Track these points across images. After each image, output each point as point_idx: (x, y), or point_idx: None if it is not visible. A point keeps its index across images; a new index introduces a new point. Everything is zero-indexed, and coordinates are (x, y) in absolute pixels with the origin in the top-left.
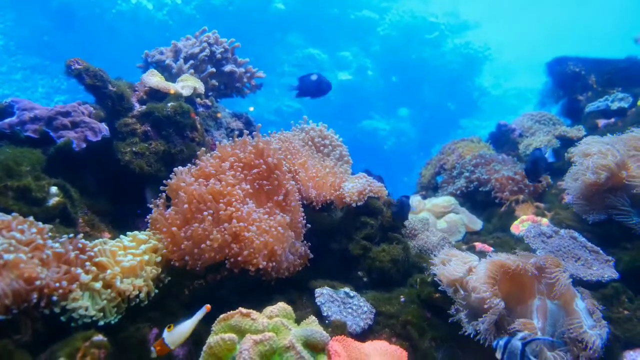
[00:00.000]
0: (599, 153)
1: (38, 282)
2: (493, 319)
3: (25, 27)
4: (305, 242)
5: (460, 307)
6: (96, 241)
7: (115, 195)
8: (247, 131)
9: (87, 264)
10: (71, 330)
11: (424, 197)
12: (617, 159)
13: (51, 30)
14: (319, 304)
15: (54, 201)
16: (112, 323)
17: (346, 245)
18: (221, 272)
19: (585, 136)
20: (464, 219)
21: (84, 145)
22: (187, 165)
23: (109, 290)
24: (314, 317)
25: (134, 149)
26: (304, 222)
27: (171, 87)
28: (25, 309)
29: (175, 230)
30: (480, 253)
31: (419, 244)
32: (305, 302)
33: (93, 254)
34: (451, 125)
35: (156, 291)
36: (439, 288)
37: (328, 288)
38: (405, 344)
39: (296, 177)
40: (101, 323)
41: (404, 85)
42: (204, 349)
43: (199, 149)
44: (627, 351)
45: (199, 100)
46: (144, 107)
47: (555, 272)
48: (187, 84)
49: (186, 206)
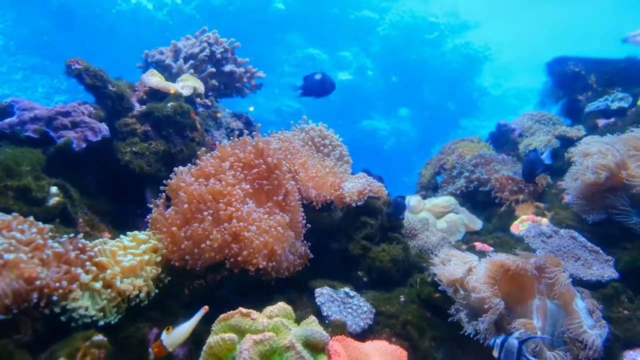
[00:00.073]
0: (598, 153)
1: (38, 282)
2: (493, 318)
3: (25, 27)
4: (305, 242)
5: (460, 307)
6: (96, 241)
7: (115, 195)
8: (247, 131)
9: (87, 263)
10: (71, 330)
11: (424, 197)
12: (617, 158)
13: (51, 30)
14: (319, 303)
15: (54, 201)
16: (112, 323)
17: (346, 245)
18: (221, 272)
19: (585, 136)
20: (463, 218)
21: (84, 145)
22: (187, 165)
23: (109, 290)
24: (314, 317)
25: (134, 149)
26: (304, 222)
27: (171, 87)
28: (25, 309)
29: (175, 230)
30: (480, 253)
31: (419, 243)
32: (305, 302)
33: (93, 254)
34: (451, 125)
35: (156, 291)
36: (439, 288)
37: (328, 288)
38: (405, 343)
39: (296, 177)
40: (101, 323)
41: (404, 85)
42: (204, 348)
43: (199, 149)
44: (627, 351)
45: (199, 100)
46: (144, 107)
47: (555, 271)
48: (187, 84)
49: (186, 206)
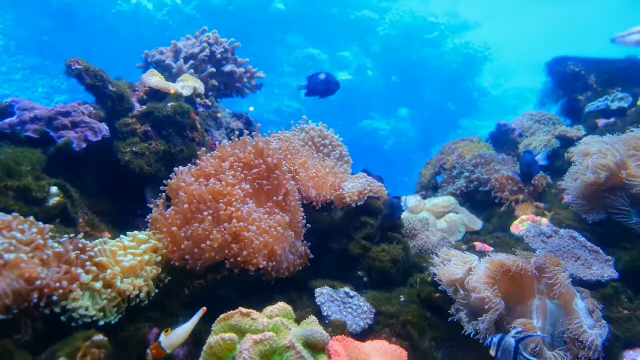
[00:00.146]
0: (598, 152)
1: (38, 282)
2: (493, 318)
3: (25, 27)
4: (306, 242)
5: (460, 307)
6: (96, 241)
7: (115, 195)
8: (247, 131)
9: (88, 263)
10: (71, 329)
11: (424, 197)
12: (617, 158)
13: (51, 30)
14: (318, 303)
15: (54, 201)
16: (112, 323)
17: (346, 245)
18: (221, 272)
19: (585, 136)
20: (463, 218)
21: (84, 145)
22: (187, 165)
23: (109, 290)
24: (314, 317)
25: (134, 148)
26: (304, 221)
27: (171, 87)
28: (25, 309)
29: (175, 230)
30: (480, 253)
31: (418, 243)
32: (305, 302)
33: (93, 253)
34: (451, 125)
35: (156, 291)
36: (439, 288)
37: (328, 288)
38: (405, 343)
39: (296, 177)
40: (101, 323)
41: (404, 85)
42: (204, 348)
43: (199, 149)
44: (627, 351)
45: (199, 100)
46: (144, 107)
47: (555, 271)
48: (187, 84)
49: (186, 206)
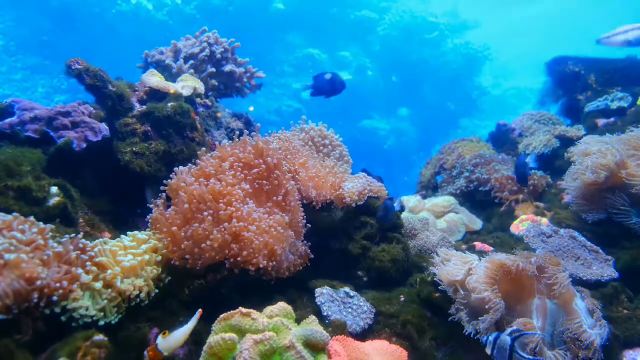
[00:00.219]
0: (598, 152)
1: (39, 282)
2: (494, 319)
3: (25, 27)
4: (306, 242)
5: (460, 307)
6: (96, 241)
7: (115, 195)
8: (247, 131)
9: (88, 263)
10: (72, 329)
11: (424, 197)
12: (617, 158)
13: (51, 30)
14: (319, 303)
15: (54, 201)
16: (113, 323)
17: (346, 245)
18: (221, 272)
19: (585, 135)
20: (463, 218)
21: (84, 145)
22: (187, 165)
23: (109, 290)
24: (314, 317)
25: (134, 148)
26: (304, 221)
27: (171, 87)
28: (26, 309)
29: (176, 230)
30: (480, 253)
31: (418, 243)
32: (305, 302)
33: (93, 253)
34: (451, 125)
35: (156, 291)
36: (439, 287)
37: (328, 288)
38: (405, 343)
39: (296, 177)
40: (101, 323)
41: (404, 85)
42: (205, 348)
43: (199, 149)
44: (627, 350)
45: (199, 100)
46: (144, 107)
47: (555, 271)
48: (187, 84)
49: (186, 206)
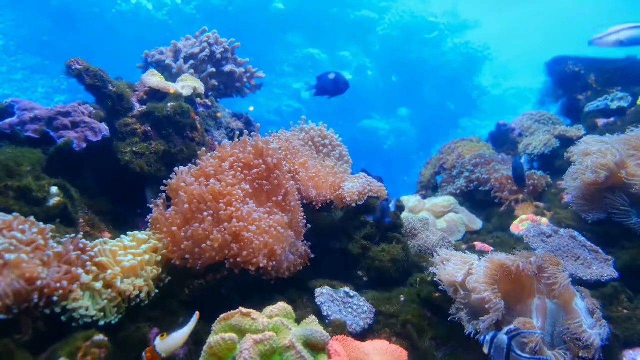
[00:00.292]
0: (598, 152)
1: (39, 282)
2: (494, 319)
3: (25, 27)
4: (306, 242)
5: (460, 307)
6: (97, 241)
7: (115, 195)
8: (247, 131)
9: (88, 264)
10: (72, 329)
11: (424, 197)
12: (617, 158)
13: (51, 30)
14: (319, 303)
15: (54, 201)
16: (113, 323)
17: (346, 245)
18: (221, 272)
19: (585, 135)
20: (463, 218)
21: (84, 145)
22: (188, 165)
23: (109, 290)
24: (314, 317)
25: (134, 149)
26: (304, 221)
27: (171, 87)
28: (26, 309)
29: (176, 230)
30: (480, 253)
31: (419, 243)
32: (305, 302)
33: (94, 254)
34: (451, 125)
35: (156, 291)
36: (439, 287)
37: (328, 288)
38: (405, 343)
39: (296, 177)
40: (102, 323)
41: (404, 85)
42: (205, 348)
43: (199, 149)
44: (627, 350)
45: (199, 100)
46: (144, 107)
47: (555, 271)
48: (187, 84)
49: (186, 206)
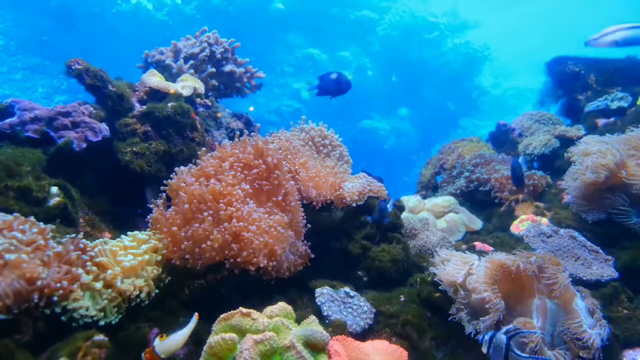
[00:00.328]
0: (598, 152)
1: (39, 282)
2: (494, 319)
3: (25, 27)
4: (306, 242)
5: (460, 307)
6: (97, 241)
7: (115, 195)
8: (247, 131)
9: (88, 264)
10: (72, 329)
11: (424, 197)
12: (617, 158)
13: (51, 30)
14: (319, 303)
15: (54, 201)
16: (113, 323)
17: (346, 245)
18: (221, 272)
19: (585, 135)
20: (463, 218)
21: (84, 145)
22: (188, 165)
23: (109, 290)
24: (314, 317)
25: (134, 149)
26: (304, 221)
27: (171, 87)
28: (26, 309)
29: (176, 230)
30: (480, 253)
31: (419, 243)
32: (305, 302)
33: (94, 254)
34: (451, 125)
35: (157, 291)
36: (439, 287)
37: (328, 288)
38: (405, 343)
39: (296, 177)
40: (102, 323)
41: (404, 85)
42: (205, 348)
43: (199, 149)
44: (627, 350)
45: (199, 100)
46: (144, 107)
47: (555, 271)
48: (187, 84)
49: (187, 206)
